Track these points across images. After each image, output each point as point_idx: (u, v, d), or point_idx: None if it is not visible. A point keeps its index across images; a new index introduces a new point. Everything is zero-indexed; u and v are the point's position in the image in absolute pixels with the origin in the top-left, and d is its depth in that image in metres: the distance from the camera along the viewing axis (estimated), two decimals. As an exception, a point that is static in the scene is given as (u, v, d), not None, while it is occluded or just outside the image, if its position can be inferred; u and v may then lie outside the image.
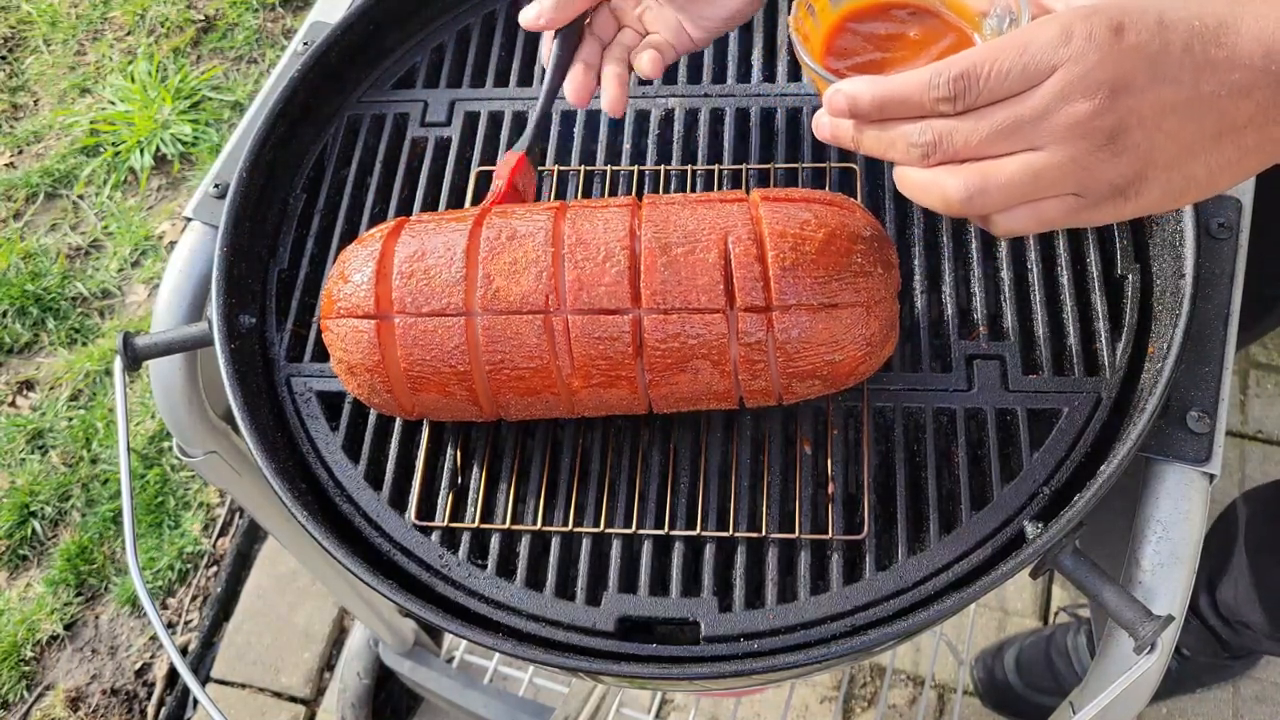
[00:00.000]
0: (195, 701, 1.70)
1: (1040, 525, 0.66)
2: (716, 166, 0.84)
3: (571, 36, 0.78)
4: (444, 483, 0.74)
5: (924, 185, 0.55)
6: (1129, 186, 0.51)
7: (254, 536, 1.84)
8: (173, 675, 1.72)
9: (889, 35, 0.69)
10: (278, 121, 0.84)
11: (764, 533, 0.70)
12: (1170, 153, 0.51)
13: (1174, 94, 0.50)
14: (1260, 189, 0.79)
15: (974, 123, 0.52)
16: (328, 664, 1.72)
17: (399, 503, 0.74)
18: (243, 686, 1.70)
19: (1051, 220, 0.53)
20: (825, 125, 0.59)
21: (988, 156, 0.52)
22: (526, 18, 0.75)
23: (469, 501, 0.73)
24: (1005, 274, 0.76)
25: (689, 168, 0.84)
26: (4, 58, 2.55)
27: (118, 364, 0.77)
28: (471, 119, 0.89)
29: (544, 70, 0.80)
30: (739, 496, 0.71)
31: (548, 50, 0.78)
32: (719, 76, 0.89)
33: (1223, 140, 0.51)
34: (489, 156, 0.87)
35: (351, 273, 0.68)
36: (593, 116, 0.88)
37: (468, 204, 0.85)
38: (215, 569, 1.81)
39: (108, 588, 1.80)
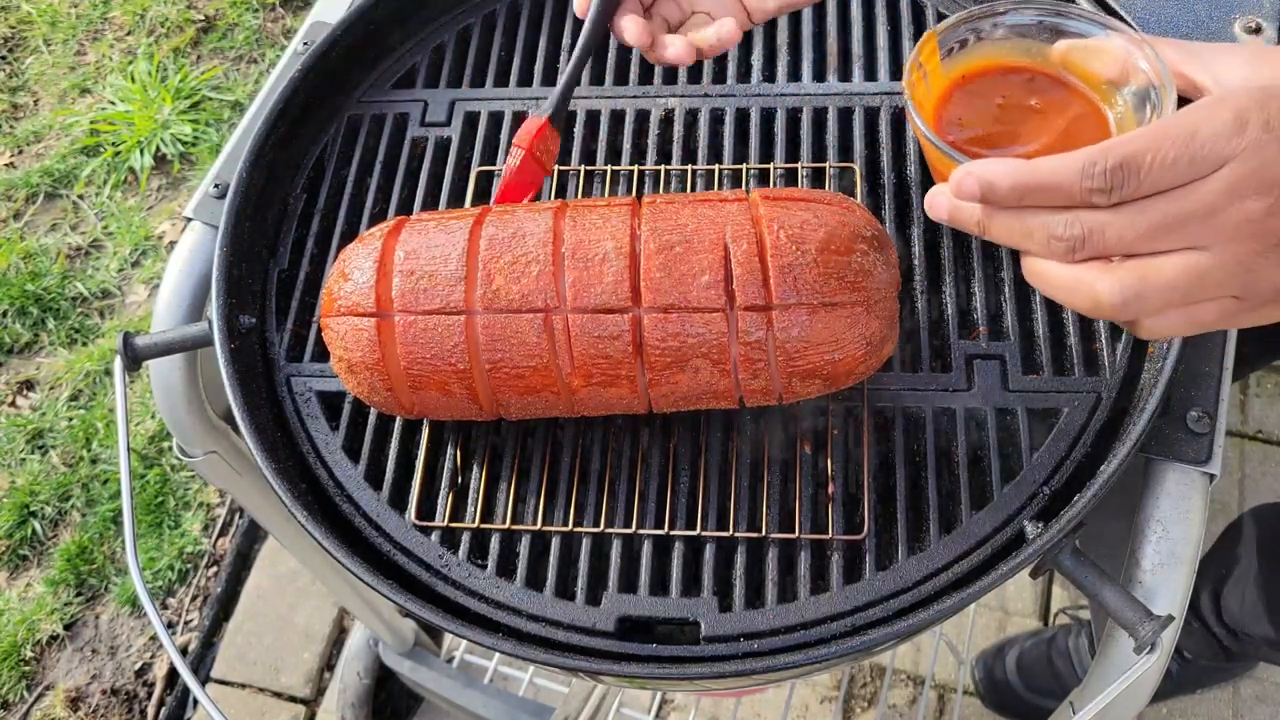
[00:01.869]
0: (195, 701, 1.70)
1: (1040, 525, 0.66)
2: (716, 166, 0.84)
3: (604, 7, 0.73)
4: (444, 483, 0.74)
5: (1068, 283, 0.50)
6: None
7: (254, 536, 1.84)
8: (173, 675, 1.72)
9: (1007, 105, 0.63)
10: (278, 121, 0.84)
11: (764, 533, 0.70)
12: None
13: None
14: None
15: (1132, 217, 0.47)
16: (328, 664, 1.72)
17: (399, 503, 0.74)
18: (243, 686, 1.70)
19: (1206, 324, 0.49)
20: (943, 206, 0.54)
21: (1140, 254, 0.47)
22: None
23: (469, 501, 0.73)
24: (1005, 274, 0.76)
25: (689, 168, 0.84)
26: (4, 58, 2.55)
27: (118, 364, 0.77)
28: (471, 119, 0.89)
29: (562, 56, 0.76)
30: (739, 496, 0.71)
31: (584, 3, 0.73)
32: (719, 76, 0.89)
33: None
34: (489, 156, 0.87)
35: (352, 271, 0.68)
36: (592, 116, 0.88)
37: (468, 204, 0.85)
38: (215, 569, 1.81)
39: (108, 588, 1.80)
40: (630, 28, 0.72)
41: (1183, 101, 0.57)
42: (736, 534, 0.70)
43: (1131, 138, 0.47)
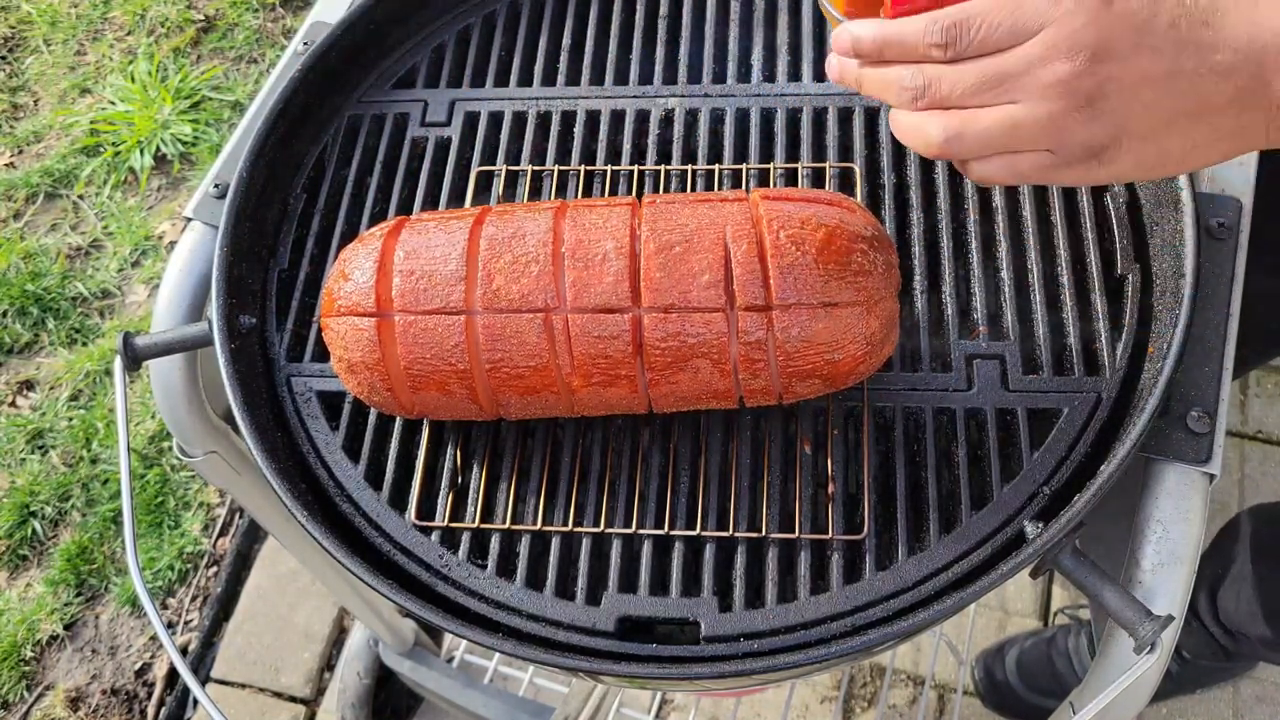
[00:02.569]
0: (195, 701, 1.70)
1: (1040, 525, 0.66)
2: (716, 166, 0.84)
3: None
4: (444, 483, 0.74)
5: (910, 128, 0.56)
6: (1102, 151, 0.53)
7: (254, 536, 1.84)
8: (173, 675, 1.72)
9: None
10: (278, 121, 0.84)
11: (764, 533, 0.70)
12: (1146, 123, 0.52)
13: (1154, 65, 0.51)
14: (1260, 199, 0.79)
15: (961, 71, 0.54)
16: (328, 664, 1.72)
17: (399, 503, 0.74)
18: (243, 686, 1.70)
19: (1024, 174, 0.55)
20: (834, 65, 0.61)
21: (971, 105, 0.54)
22: None
23: (469, 501, 0.73)
24: (1005, 274, 0.76)
25: (689, 168, 0.84)
26: (4, 58, 2.55)
27: (118, 364, 0.77)
28: (471, 119, 0.89)
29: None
30: (739, 496, 0.71)
31: None
32: (719, 76, 0.89)
33: (1200, 119, 0.52)
34: (489, 156, 0.87)
35: (352, 271, 0.68)
36: (592, 116, 0.88)
37: (468, 204, 0.85)
38: (215, 569, 1.81)
39: (108, 588, 1.80)
40: None
41: None
42: (736, 534, 0.70)
43: (968, 4, 0.54)
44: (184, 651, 1.73)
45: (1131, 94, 0.51)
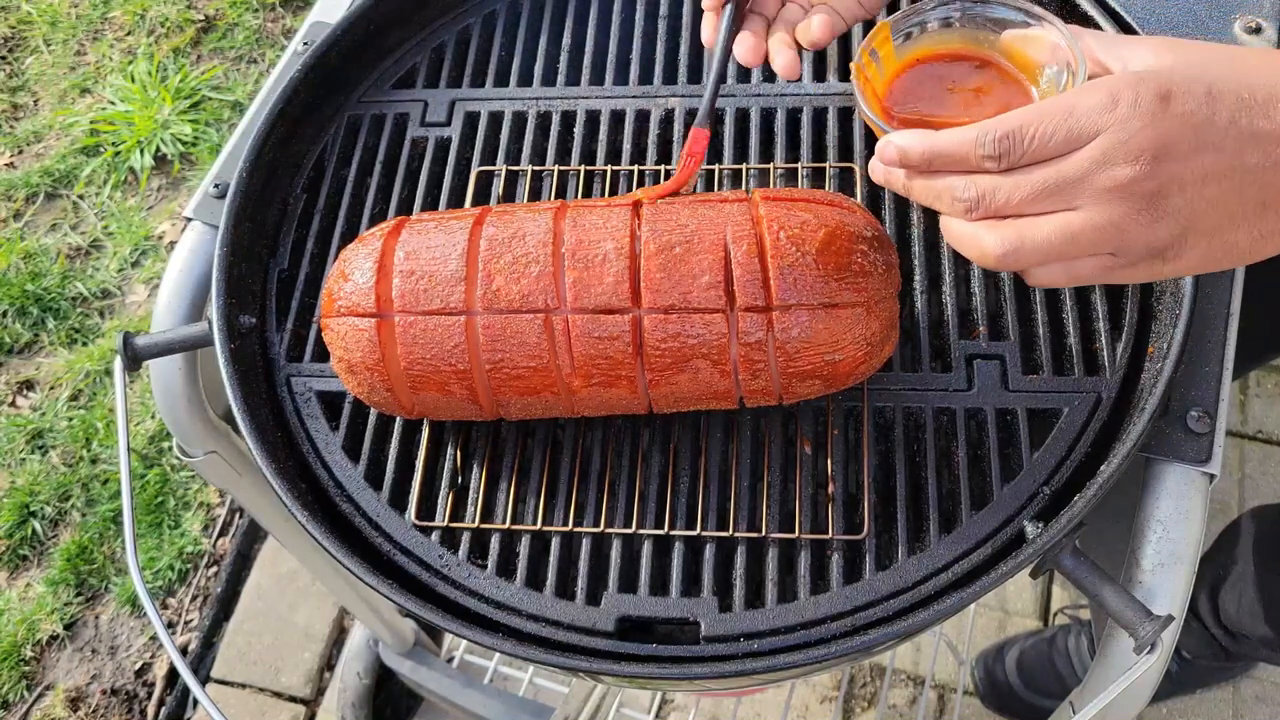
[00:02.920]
0: (195, 701, 1.70)
1: (1040, 525, 0.66)
2: (716, 166, 0.84)
3: (740, 7, 0.75)
4: (444, 483, 0.74)
5: (965, 238, 0.56)
6: (1167, 249, 0.52)
7: (254, 536, 1.84)
8: (173, 675, 1.72)
9: (950, 87, 0.69)
10: (278, 121, 0.84)
11: (764, 533, 0.70)
12: (1212, 220, 0.51)
13: (1217, 163, 0.50)
14: None
15: (1016, 181, 0.53)
16: (328, 664, 1.72)
17: (399, 503, 0.74)
18: (243, 686, 1.70)
19: (1085, 277, 0.54)
20: (879, 171, 0.60)
21: (1029, 214, 0.53)
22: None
23: (469, 501, 0.73)
24: (1005, 274, 0.76)
25: (689, 168, 0.84)
26: (4, 58, 2.55)
27: (118, 364, 0.77)
28: (471, 119, 0.89)
29: (705, 49, 0.79)
30: (739, 496, 0.71)
31: (711, 32, 0.75)
32: (719, 76, 0.89)
33: (1268, 210, 0.51)
34: (489, 156, 0.87)
35: (352, 271, 0.68)
36: (592, 116, 0.88)
37: (468, 204, 0.85)
38: (215, 569, 1.81)
39: (108, 588, 1.80)
40: (743, 52, 0.74)
41: None
42: (736, 534, 0.70)
43: (1019, 111, 0.53)
44: (184, 651, 1.73)
45: (1196, 192, 0.50)
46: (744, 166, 0.83)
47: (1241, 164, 0.50)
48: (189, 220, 0.86)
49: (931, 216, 0.80)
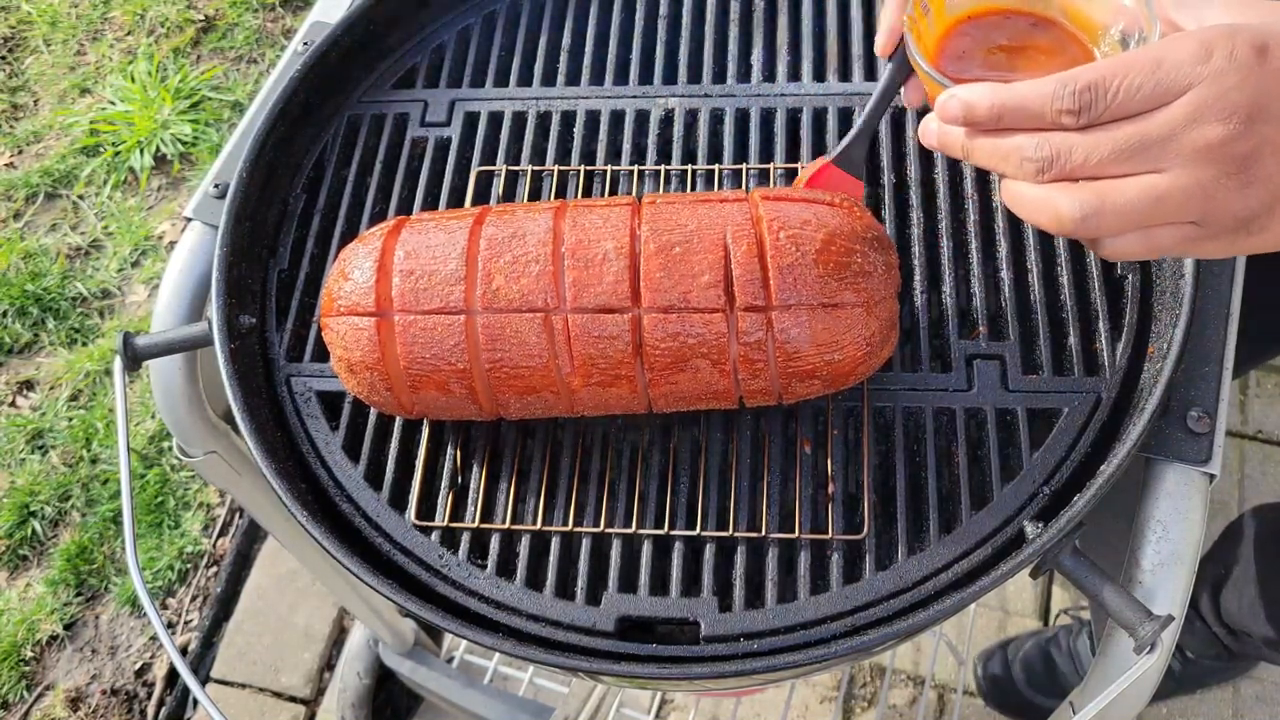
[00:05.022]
0: (195, 701, 1.70)
1: (1040, 525, 0.66)
2: (716, 166, 0.84)
3: (904, 61, 0.71)
4: (444, 483, 0.74)
5: (1035, 202, 0.51)
6: (1253, 220, 0.48)
7: (254, 536, 1.84)
8: (173, 675, 1.72)
9: (1007, 45, 0.65)
10: (278, 121, 0.84)
11: (764, 533, 0.70)
12: None
13: None
14: None
15: (1096, 139, 0.48)
16: (328, 664, 1.72)
17: (399, 503, 0.74)
18: (243, 686, 1.70)
19: (1164, 248, 0.50)
20: (933, 132, 0.56)
21: (1106, 176, 0.49)
22: (878, 46, 0.70)
23: (469, 501, 0.73)
24: (1005, 274, 0.76)
25: (689, 168, 0.84)
26: (4, 58, 2.55)
27: (118, 364, 0.77)
28: (471, 119, 0.89)
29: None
30: (739, 496, 0.71)
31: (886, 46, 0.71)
32: (719, 76, 0.89)
33: None
34: (489, 156, 0.87)
35: (352, 270, 0.68)
36: (593, 116, 0.88)
37: (468, 204, 0.85)
38: (215, 569, 1.81)
39: (108, 588, 1.80)
40: (913, 95, 0.71)
41: None
42: (736, 534, 0.70)
43: (1101, 63, 0.48)
44: (184, 651, 1.73)
45: None
46: (744, 166, 0.83)
47: None
48: (189, 220, 0.86)
49: (931, 217, 0.80)
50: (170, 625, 1.76)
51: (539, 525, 0.72)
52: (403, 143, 0.89)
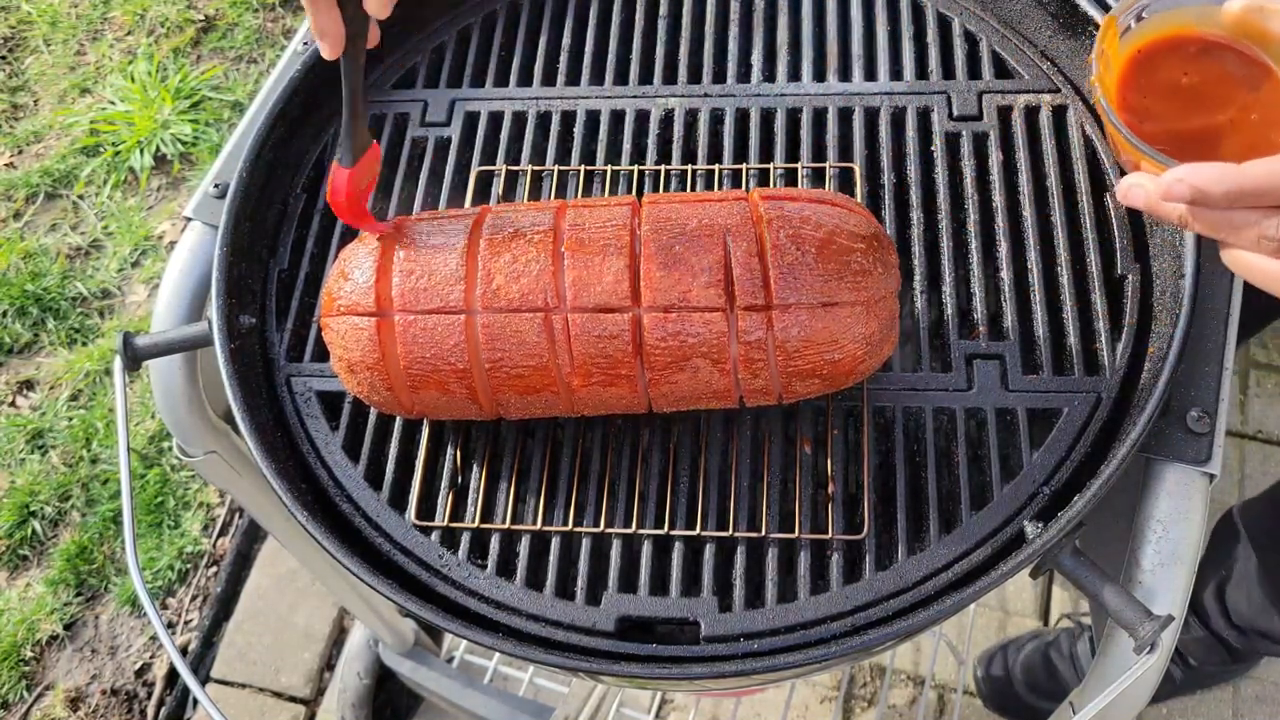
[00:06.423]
0: (195, 701, 1.70)
1: (1040, 525, 0.66)
2: (716, 166, 0.84)
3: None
4: (444, 482, 0.74)
5: (1275, 277, 0.51)
6: None
7: (254, 536, 1.84)
8: (173, 675, 1.72)
9: (1192, 85, 0.62)
10: (278, 121, 0.84)
11: (764, 533, 0.70)
12: None
13: None
14: None
15: None
16: (328, 664, 1.72)
17: (399, 503, 0.74)
18: (243, 686, 1.70)
19: None
20: (1141, 199, 0.54)
21: None
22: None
23: (469, 501, 0.73)
24: (1005, 274, 0.76)
25: (689, 168, 0.84)
26: (4, 58, 2.55)
27: (118, 364, 0.77)
28: (471, 119, 0.89)
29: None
30: (739, 496, 0.71)
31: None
32: (719, 76, 0.89)
33: None
34: (489, 156, 0.87)
35: (352, 270, 0.68)
36: (592, 116, 0.88)
37: (468, 204, 0.85)
38: (215, 569, 1.81)
39: (108, 588, 1.80)
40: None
41: None
42: (736, 534, 0.70)
43: None
44: (184, 651, 1.73)
45: None
46: (744, 166, 0.83)
47: None
48: (189, 220, 0.86)
49: (931, 216, 0.80)
50: (170, 625, 1.76)
51: (539, 525, 0.72)
52: (403, 142, 0.89)
